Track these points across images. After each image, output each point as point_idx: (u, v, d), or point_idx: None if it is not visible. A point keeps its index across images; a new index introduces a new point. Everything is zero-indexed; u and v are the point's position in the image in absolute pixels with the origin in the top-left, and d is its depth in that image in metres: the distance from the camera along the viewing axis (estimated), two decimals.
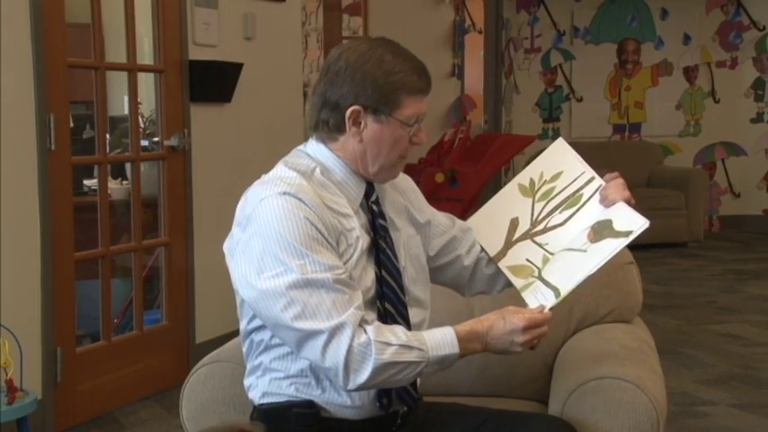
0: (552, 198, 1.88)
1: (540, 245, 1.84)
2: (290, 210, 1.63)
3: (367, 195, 1.78)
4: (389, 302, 1.73)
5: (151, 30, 3.89)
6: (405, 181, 1.94)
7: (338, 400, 1.72)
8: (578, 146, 7.24)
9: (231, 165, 4.15)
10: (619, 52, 8.34)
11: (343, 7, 7.24)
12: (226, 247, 1.73)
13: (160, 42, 3.86)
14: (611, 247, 1.72)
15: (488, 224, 1.95)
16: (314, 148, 1.78)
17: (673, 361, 4.09)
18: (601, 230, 1.75)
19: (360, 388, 1.64)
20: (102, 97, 3.60)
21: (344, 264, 1.68)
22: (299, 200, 1.64)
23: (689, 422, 3.41)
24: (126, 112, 3.97)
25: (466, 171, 6.31)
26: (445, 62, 7.48)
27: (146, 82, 4.25)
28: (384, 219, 1.79)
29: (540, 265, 1.82)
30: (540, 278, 1.79)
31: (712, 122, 8.31)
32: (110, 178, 3.98)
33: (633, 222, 1.72)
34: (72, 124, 3.67)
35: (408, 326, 1.75)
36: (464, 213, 6.40)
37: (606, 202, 1.81)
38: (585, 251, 1.75)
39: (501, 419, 1.82)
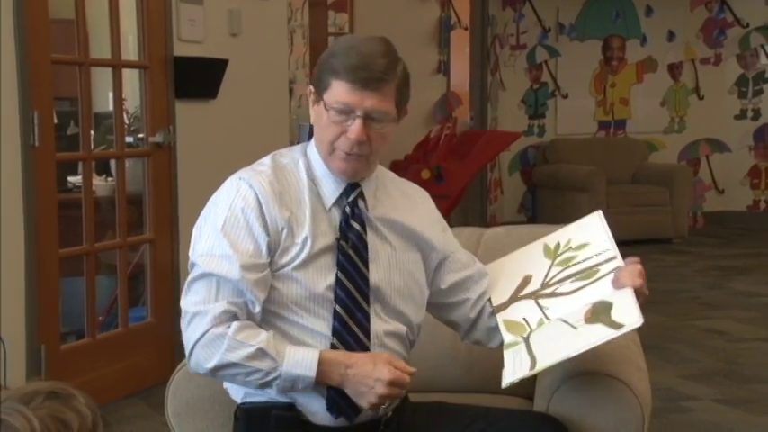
0: (570, 266, 1.85)
1: (541, 307, 1.81)
2: (233, 195, 1.71)
3: (348, 194, 1.77)
4: (342, 306, 1.71)
5: (136, 26, 3.87)
6: (420, 195, 1.93)
7: (309, 408, 1.70)
8: (564, 142, 7.27)
9: (216, 161, 4.12)
10: (604, 49, 8.37)
11: (329, 4, 7.22)
12: None
13: (145, 38, 3.84)
14: (599, 335, 1.65)
15: (502, 274, 1.92)
16: (312, 141, 1.81)
17: (657, 356, 4.11)
18: (598, 312, 1.70)
19: (206, 374, 1.68)
20: (87, 94, 3.58)
21: (288, 262, 1.69)
22: (249, 186, 1.71)
23: (673, 417, 3.43)
24: (111, 108, 3.95)
25: (452, 168, 6.32)
26: (431, 59, 7.48)
27: (130, 78, 4.23)
28: (360, 222, 1.76)
29: (534, 326, 1.77)
30: (527, 341, 1.75)
31: (696, 119, 8.35)
32: (94, 175, 3.96)
33: (628, 317, 1.65)
34: (56, 121, 3.65)
35: (367, 335, 1.72)
36: (450, 210, 6.43)
37: (616, 283, 1.74)
38: (576, 329, 1.70)
39: (489, 418, 1.81)
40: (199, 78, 4.04)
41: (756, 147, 8.32)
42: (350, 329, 1.71)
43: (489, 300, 1.89)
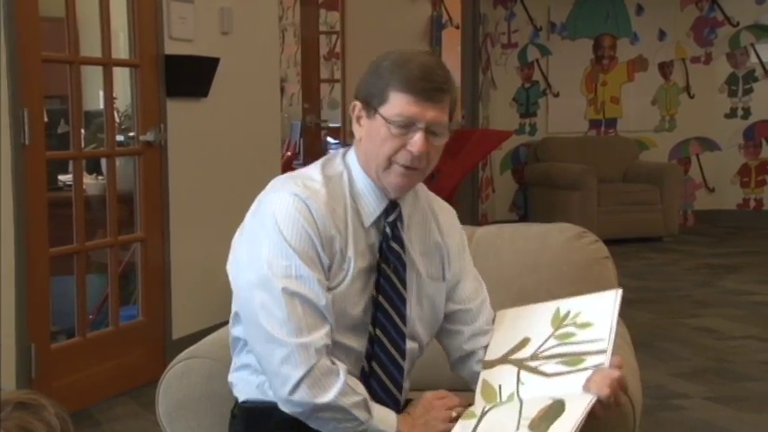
0: (565, 343, 1.75)
1: (519, 380, 1.73)
2: (293, 212, 1.61)
3: (387, 213, 1.70)
4: (381, 329, 1.68)
5: (126, 24, 3.87)
6: (448, 213, 1.86)
7: None
8: (555, 141, 7.30)
9: (207, 160, 4.12)
10: (595, 48, 8.38)
11: (320, 2, 7.22)
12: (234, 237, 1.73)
13: (136, 36, 3.83)
14: None
15: (508, 327, 1.83)
16: (350, 153, 1.74)
17: (648, 354, 4.12)
18: (547, 417, 1.60)
19: (306, 411, 1.59)
20: (77, 92, 3.57)
21: (336, 285, 1.64)
22: (306, 206, 1.62)
23: (664, 415, 3.44)
24: (101, 106, 3.94)
25: (443, 166, 6.31)
26: None
27: (121, 77, 4.22)
28: (399, 243, 1.71)
29: (504, 398, 1.71)
30: (481, 416, 1.68)
31: (687, 118, 8.37)
32: (85, 173, 3.95)
33: (564, 425, 1.56)
34: (46, 119, 3.63)
35: (403, 356, 1.71)
36: None
37: (585, 386, 1.62)
38: (527, 425, 1.60)
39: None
40: (190, 77, 4.03)
41: (746, 145, 8.35)
42: (387, 352, 1.69)
43: (485, 347, 1.81)
